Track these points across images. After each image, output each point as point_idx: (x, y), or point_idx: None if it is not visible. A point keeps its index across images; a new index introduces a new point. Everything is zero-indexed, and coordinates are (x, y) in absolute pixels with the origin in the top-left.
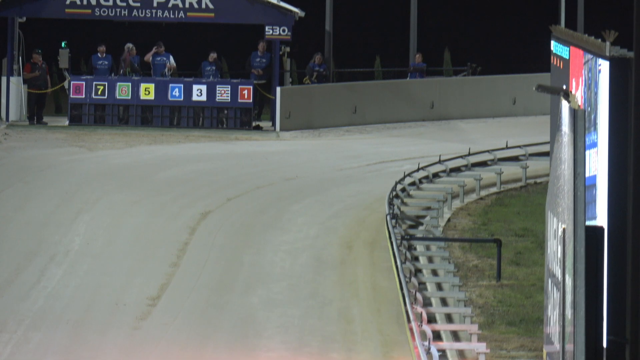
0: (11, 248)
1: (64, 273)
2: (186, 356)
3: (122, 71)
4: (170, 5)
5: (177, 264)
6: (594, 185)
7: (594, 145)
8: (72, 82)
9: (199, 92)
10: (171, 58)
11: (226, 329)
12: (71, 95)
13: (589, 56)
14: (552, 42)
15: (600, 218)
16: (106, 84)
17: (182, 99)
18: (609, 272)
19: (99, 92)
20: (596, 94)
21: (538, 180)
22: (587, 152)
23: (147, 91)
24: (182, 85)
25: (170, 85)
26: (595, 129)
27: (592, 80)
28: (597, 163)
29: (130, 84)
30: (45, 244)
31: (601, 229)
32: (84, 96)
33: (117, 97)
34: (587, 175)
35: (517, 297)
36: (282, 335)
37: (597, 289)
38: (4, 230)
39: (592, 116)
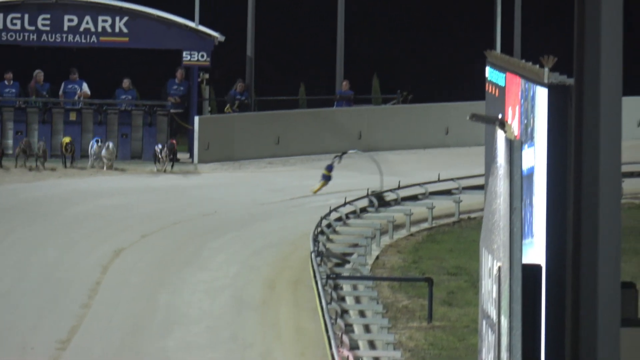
0: None
1: None
2: None
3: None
4: (81, 29)
5: (88, 304)
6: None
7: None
8: None
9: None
10: (84, 85)
11: None
12: None
13: (526, 83)
14: (487, 68)
15: (536, 255)
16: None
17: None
18: (547, 314)
19: None
20: (533, 123)
21: (472, 215)
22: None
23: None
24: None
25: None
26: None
27: (529, 109)
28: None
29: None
30: None
31: (539, 267)
32: None
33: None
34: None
35: (449, 339)
36: None
37: (534, 331)
38: None
39: (528, 145)
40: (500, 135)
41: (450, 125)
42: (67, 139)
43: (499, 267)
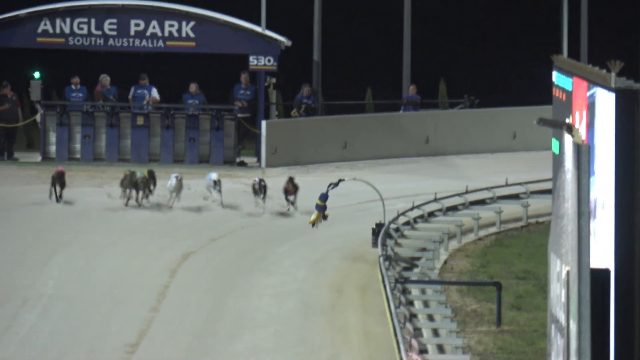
0: None
1: (36, 318)
2: None
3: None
4: (148, 34)
5: (156, 308)
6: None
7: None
8: (44, 116)
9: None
10: (154, 90)
11: None
12: (43, 130)
13: (593, 88)
14: (554, 73)
15: (603, 258)
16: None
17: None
18: (616, 317)
19: None
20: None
21: (540, 220)
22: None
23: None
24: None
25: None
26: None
27: (594, 113)
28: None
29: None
30: (16, 288)
31: (607, 271)
32: (56, 131)
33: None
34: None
35: (518, 343)
36: None
37: (603, 335)
38: None
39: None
40: (568, 139)
41: (518, 129)
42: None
43: (568, 272)
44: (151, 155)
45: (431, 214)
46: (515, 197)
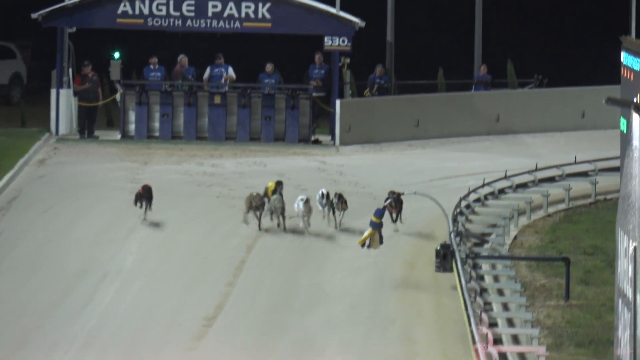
0: (62, 266)
1: (116, 292)
2: None
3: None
4: (225, 15)
5: (233, 283)
6: None
7: None
8: (123, 95)
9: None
10: (230, 69)
11: (284, 350)
12: (123, 109)
13: None
14: (623, 54)
15: None
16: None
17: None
18: None
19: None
20: None
21: (608, 197)
22: None
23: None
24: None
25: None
26: None
27: None
28: None
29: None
30: (97, 262)
31: None
32: (136, 110)
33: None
34: None
35: (586, 317)
36: (343, 357)
37: None
38: (54, 248)
39: None
40: (636, 118)
41: (586, 108)
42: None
43: (635, 247)
44: (228, 134)
45: (501, 191)
46: (584, 174)
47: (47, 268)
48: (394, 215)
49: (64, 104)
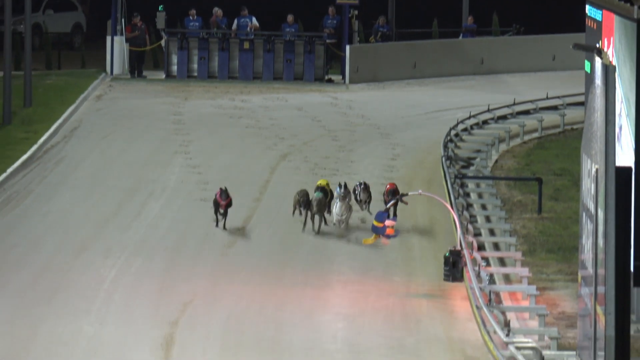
0: (115, 185)
1: (161, 207)
2: (267, 280)
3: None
4: None
5: (259, 199)
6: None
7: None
8: (167, 41)
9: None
10: (254, 19)
11: (302, 256)
12: (167, 53)
13: (619, 18)
14: (587, 6)
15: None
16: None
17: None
18: (636, 207)
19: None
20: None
21: (574, 127)
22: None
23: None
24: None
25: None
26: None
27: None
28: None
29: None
30: (145, 181)
31: (629, 169)
32: (177, 53)
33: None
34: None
35: (555, 228)
36: (351, 262)
37: (625, 221)
38: (108, 170)
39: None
40: (598, 61)
41: (557, 53)
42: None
43: (597, 169)
44: (255, 74)
45: (485, 122)
46: (554, 108)
47: (103, 186)
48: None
49: (117, 49)
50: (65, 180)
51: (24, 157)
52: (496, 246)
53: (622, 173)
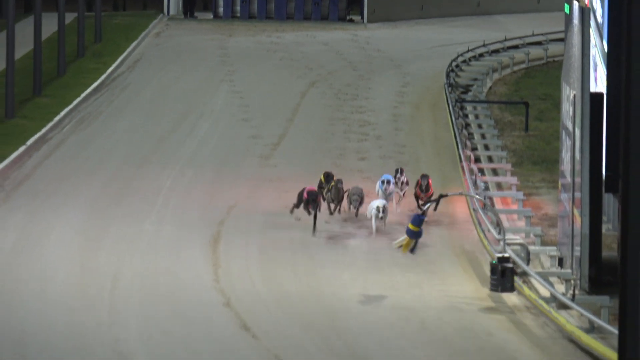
0: (171, 108)
1: (209, 126)
2: (298, 184)
3: None
4: None
5: (292, 119)
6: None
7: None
8: None
9: None
10: None
11: (328, 165)
12: None
13: None
14: None
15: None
16: None
17: None
18: (607, 125)
19: None
20: None
21: (555, 59)
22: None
23: None
24: None
25: None
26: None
27: None
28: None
29: None
30: (196, 105)
31: (601, 94)
32: None
33: None
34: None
35: (539, 143)
36: (363, 164)
37: (598, 138)
38: (165, 95)
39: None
40: (575, 3)
41: None
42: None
43: (574, 95)
44: (288, 14)
45: (480, 55)
46: (539, 43)
47: (161, 109)
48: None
49: None
50: (130, 103)
51: (95, 84)
52: (490, 159)
53: (595, 98)
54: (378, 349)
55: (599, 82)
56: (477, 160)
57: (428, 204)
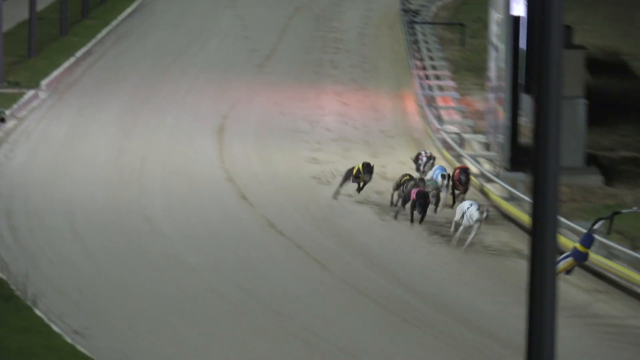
0: (188, 28)
1: (217, 42)
2: (287, 88)
3: None
4: None
5: (281, 37)
6: None
7: None
8: None
9: None
10: None
11: (308, 72)
12: None
13: None
14: None
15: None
16: None
17: None
18: (527, 41)
19: None
20: None
21: None
22: None
23: None
24: None
25: None
26: None
27: None
28: None
29: None
30: (207, 25)
31: (519, 17)
32: None
33: None
34: None
35: (473, 56)
36: (336, 72)
37: (516, 50)
38: (183, 18)
39: None
40: None
41: None
42: None
43: (500, 17)
44: None
45: None
46: None
47: (180, 29)
48: (457, 192)
49: None
50: (156, 24)
51: (129, 9)
52: (433, 67)
53: (516, 20)
54: (346, 214)
55: (520, 7)
56: (424, 68)
57: (600, 221)
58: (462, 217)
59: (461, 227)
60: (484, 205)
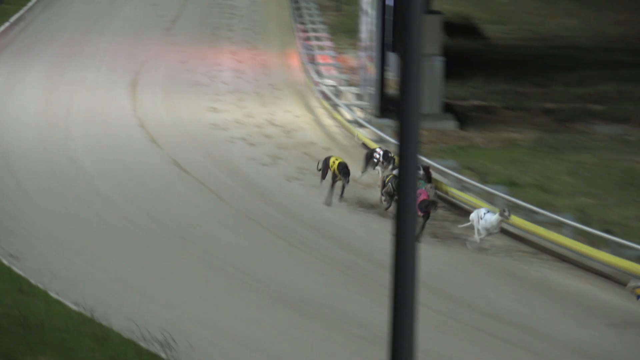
0: None
1: (129, 9)
2: (190, 48)
3: None
4: None
5: (184, 4)
6: None
7: None
8: None
9: None
10: None
11: (208, 34)
12: None
13: None
14: None
15: None
16: None
17: None
18: (395, 7)
19: None
20: None
21: None
22: None
23: None
24: None
25: None
26: None
27: None
28: None
29: None
30: None
31: None
32: None
33: None
34: None
35: (347, 20)
36: (232, 35)
37: (383, 16)
38: None
39: None
40: None
41: None
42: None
43: None
44: None
45: None
46: None
47: None
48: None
49: None
50: None
51: None
52: (314, 30)
53: None
54: (239, 155)
55: None
56: (307, 31)
57: None
58: (479, 223)
59: (482, 235)
60: (503, 209)
